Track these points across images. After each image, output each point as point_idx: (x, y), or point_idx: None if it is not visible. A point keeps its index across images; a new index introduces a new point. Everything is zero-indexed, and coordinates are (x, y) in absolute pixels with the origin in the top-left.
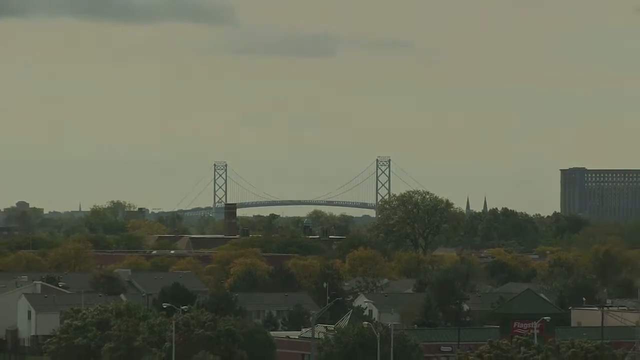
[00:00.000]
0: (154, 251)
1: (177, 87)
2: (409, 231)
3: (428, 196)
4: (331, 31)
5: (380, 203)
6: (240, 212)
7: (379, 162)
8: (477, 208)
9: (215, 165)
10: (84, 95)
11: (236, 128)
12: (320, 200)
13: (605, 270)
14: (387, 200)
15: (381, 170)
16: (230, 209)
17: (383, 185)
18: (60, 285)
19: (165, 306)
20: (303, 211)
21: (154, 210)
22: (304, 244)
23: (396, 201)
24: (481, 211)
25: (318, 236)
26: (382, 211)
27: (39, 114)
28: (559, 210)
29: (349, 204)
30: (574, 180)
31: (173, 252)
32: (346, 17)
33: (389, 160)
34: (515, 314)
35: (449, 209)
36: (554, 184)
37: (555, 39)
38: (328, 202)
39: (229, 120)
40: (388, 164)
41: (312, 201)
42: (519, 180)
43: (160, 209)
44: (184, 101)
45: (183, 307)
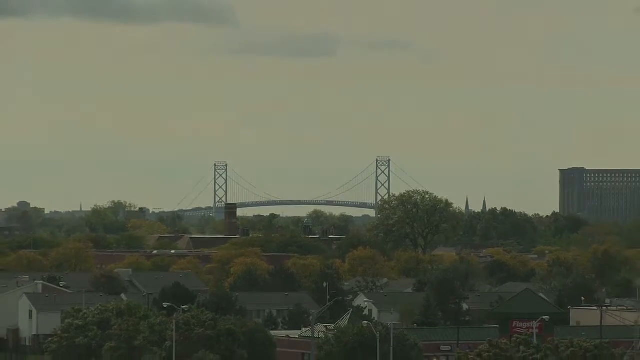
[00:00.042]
0: (155, 251)
1: (177, 87)
2: (408, 231)
3: (427, 196)
4: (331, 31)
5: (380, 203)
6: (240, 212)
7: (379, 162)
8: (477, 208)
9: (215, 165)
10: (84, 95)
11: (236, 128)
12: (320, 200)
13: (604, 270)
14: (387, 200)
15: (381, 170)
16: (231, 209)
17: (383, 185)
18: (61, 285)
19: (165, 306)
20: (303, 211)
21: (154, 210)
22: (304, 243)
23: (396, 201)
24: (480, 211)
25: (318, 236)
26: (382, 211)
27: (39, 114)
28: (558, 210)
29: (349, 203)
30: (573, 180)
31: (173, 252)
32: (346, 17)
33: (389, 160)
34: (514, 313)
35: (449, 209)
36: (553, 184)
37: (555, 39)
38: (328, 202)
39: (229, 120)
40: (388, 164)
41: (312, 201)
42: (518, 180)
43: (160, 208)
44: (184, 101)
45: (183, 307)
